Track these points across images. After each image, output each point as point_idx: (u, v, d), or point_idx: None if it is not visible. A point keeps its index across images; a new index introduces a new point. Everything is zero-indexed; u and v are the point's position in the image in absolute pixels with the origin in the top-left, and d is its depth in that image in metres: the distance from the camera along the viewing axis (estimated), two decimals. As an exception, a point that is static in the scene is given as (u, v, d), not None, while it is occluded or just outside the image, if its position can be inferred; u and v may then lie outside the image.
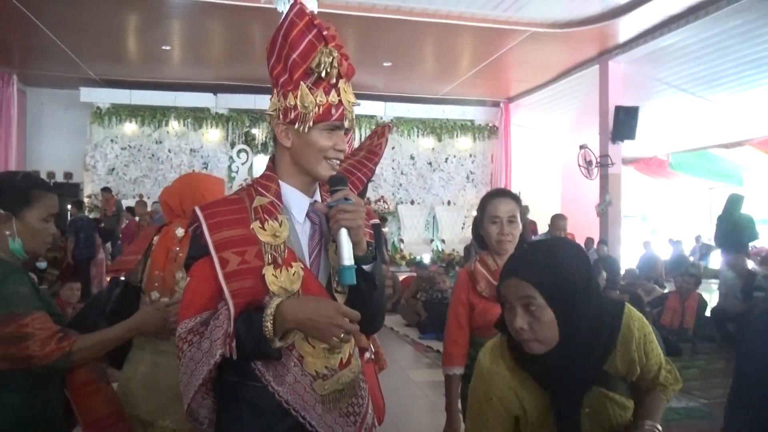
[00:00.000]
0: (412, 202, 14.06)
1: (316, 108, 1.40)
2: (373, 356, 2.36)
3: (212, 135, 13.16)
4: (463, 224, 14.25)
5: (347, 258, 1.37)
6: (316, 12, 7.52)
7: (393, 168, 13.92)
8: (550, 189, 14.81)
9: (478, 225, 2.49)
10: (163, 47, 10.53)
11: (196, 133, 13.12)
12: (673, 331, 7.46)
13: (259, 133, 13.32)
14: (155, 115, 12.94)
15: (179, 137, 13.09)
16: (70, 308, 6.13)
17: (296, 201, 1.47)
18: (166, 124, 13.01)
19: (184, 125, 13.07)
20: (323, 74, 1.40)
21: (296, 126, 1.42)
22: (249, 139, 13.35)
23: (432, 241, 14.04)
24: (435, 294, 8.29)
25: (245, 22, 9.22)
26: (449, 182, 14.30)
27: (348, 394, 1.44)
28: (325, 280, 1.45)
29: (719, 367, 6.66)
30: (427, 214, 14.20)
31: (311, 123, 1.40)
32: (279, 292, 1.34)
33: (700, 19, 7.95)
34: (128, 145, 12.91)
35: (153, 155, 12.98)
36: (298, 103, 1.41)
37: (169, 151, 13.03)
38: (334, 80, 1.42)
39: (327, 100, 1.41)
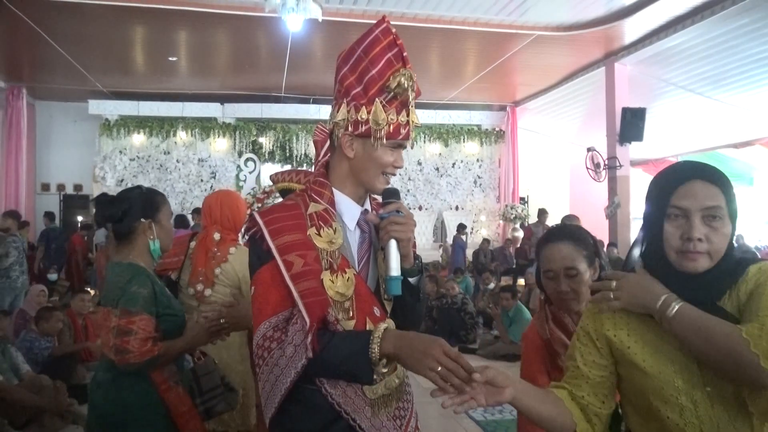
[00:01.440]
0: (420, 208, 14.04)
1: (388, 126, 1.44)
2: None
3: (220, 144, 13.22)
4: (472, 229, 14.22)
5: (395, 269, 1.43)
6: (320, 20, 7.58)
7: (400, 174, 13.90)
8: (558, 192, 14.78)
9: (539, 274, 1.96)
10: (170, 58, 10.61)
11: (204, 142, 13.19)
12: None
13: (266, 141, 13.36)
14: (163, 126, 13.02)
15: (187, 147, 13.16)
16: (81, 318, 6.17)
17: (348, 209, 1.52)
18: (174, 135, 13.09)
19: (191, 135, 13.14)
20: (400, 95, 1.45)
21: (369, 140, 1.46)
22: (256, 148, 13.41)
23: (440, 246, 14.02)
24: (444, 300, 8.26)
25: (250, 32, 9.28)
26: (457, 187, 14.28)
27: (395, 398, 1.47)
28: (373, 287, 1.50)
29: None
30: (435, 220, 14.18)
31: (384, 140, 1.45)
32: (336, 297, 1.39)
33: (706, 18, 7.92)
34: (137, 156, 13.00)
35: (161, 165, 13.06)
36: (370, 118, 1.44)
37: (177, 161, 13.10)
38: (409, 101, 1.47)
39: (397, 119, 1.46)
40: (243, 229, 1.56)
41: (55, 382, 4.65)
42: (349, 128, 1.47)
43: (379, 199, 1.55)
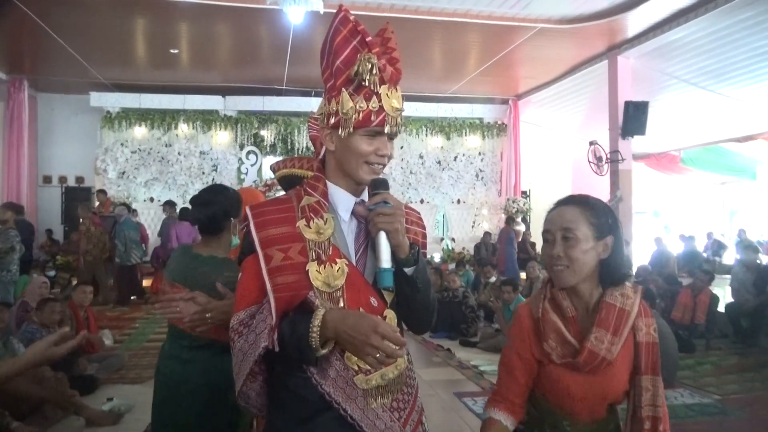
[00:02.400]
0: (422, 201, 14.03)
1: (356, 114, 1.44)
2: None
3: (221, 137, 13.21)
4: (473, 222, 14.22)
5: (385, 261, 1.43)
6: (321, 12, 7.56)
7: (402, 167, 13.91)
8: (560, 186, 14.71)
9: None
10: (172, 51, 10.59)
11: (205, 135, 13.18)
12: (683, 326, 7.41)
13: (268, 134, 13.34)
14: (164, 119, 13.01)
15: (188, 140, 13.15)
16: (83, 310, 6.18)
17: (342, 200, 1.52)
18: (176, 127, 13.07)
19: (193, 128, 13.12)
20: (364, 81, 1.44)
21: (338, 131, 1.46)
22: (258, 141, 13.39)
23: (442, 240, 14.02)
24: (446, 294, 8.27)
25: (252, 24, 9.25)
26: (458, 181, 14.26)
27: (393, 390, 1.46)
28: (372, 278, 1.49)
29: (733, 363, 6.61)
30: (437, 213, 14.18)
31: (351, 129, 1.44)
32: (322, 287, 1.40)
33: (710, 11, 7.88)
34: (138, 148, 12.99)
35: (163, 158, 13.06)
36: (339, 108, 1.45)
37: (179, 153, 13.09)
38: (375, 87, 1.45)
39: (367, 107, 1.44)
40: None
41: (57, 373, 4.67)
42: (326, 121, 1.49)
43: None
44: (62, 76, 12.08)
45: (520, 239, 12.87)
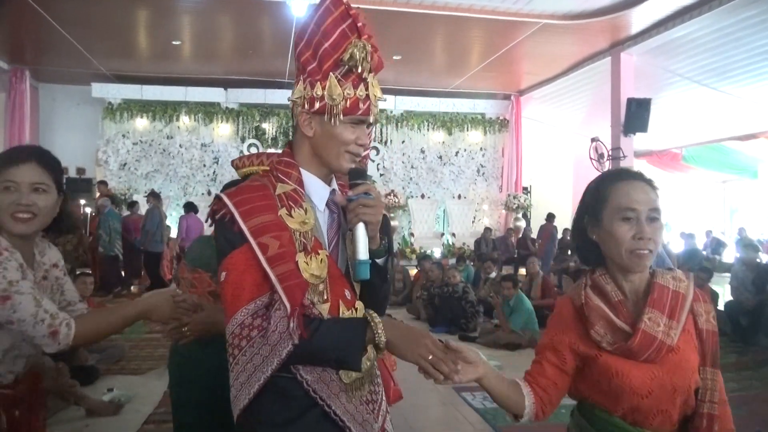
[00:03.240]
0: (423, 196, 14.04)
1: (344, 101, 1.38)
2: None
3: (223, 130, 13.21)
4: (474, 218, 14.23)
5: (363, 253, 1.38)
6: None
7: (403, 162, 13.91)
8: (561, 183, 14.75)
9: (584, 225, 1.54)
10: (174, 42, 10.58)
11: (207, 127, 13.18)
12: (684, 324, 7.42)
13: (269, 127, 13.35)
14: (166, 110, 13.01)
15: (190, 132, 13.16)
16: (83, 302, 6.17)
17: (317, 189, 1.46)
18: (177, 119, 13.08)
19: (194, 120, 13.13)
20: (355, 68, 1.38)
21: (324, 117, 1.40)
22: (259, 134, 13.39)
23: (442, 235, 14.03)
24: (445, 289, 8.28)
25: (255, 17, 9.23)
26: (460, 176, 14.27)
27: (367, 381, 1.45)
28: (343, 270, 1.46)
29: (731, 362, 6.61)
30: (438, 208, 14.19)
31: (342, 116, 1.38)
32: (311, 279, 1.34)
33: (714, 9, 7.86)
34: (140, 140, 13.00)
35: (164, 150, 13.06)
36: (325, 94, 1.38)
37: (180, 146, 13.10)
38: (366, 74, 1.40)
39: (355, 94, 1.39)
40: (209, 212, 1.43)
41: (57, 363, 4.67)
42: (306, 105, 1.41)
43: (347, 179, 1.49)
44: (64, 67, 12.06)
45: (520, 235, 12.88)
